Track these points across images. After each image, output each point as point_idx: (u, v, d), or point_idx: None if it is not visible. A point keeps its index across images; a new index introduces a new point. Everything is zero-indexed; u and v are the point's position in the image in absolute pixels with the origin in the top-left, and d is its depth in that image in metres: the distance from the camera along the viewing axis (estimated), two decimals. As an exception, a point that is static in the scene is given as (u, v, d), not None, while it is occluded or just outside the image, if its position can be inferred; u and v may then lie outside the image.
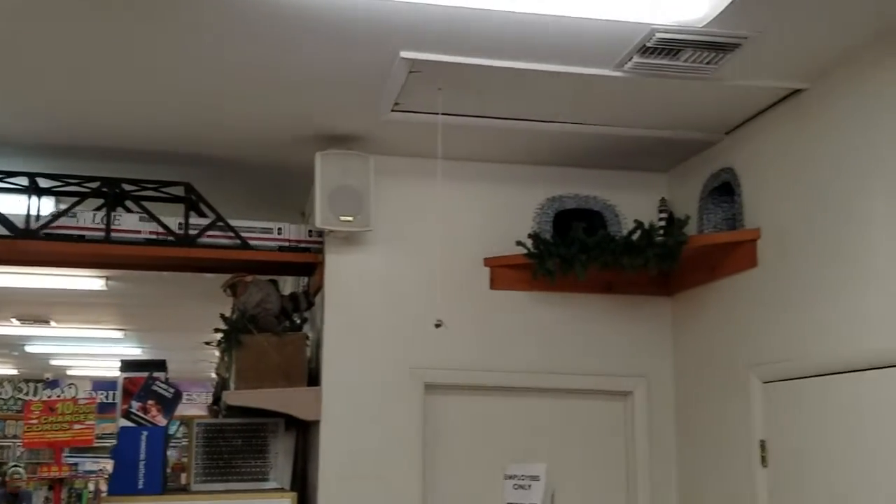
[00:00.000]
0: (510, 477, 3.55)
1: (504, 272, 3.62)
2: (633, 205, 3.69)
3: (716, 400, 3.36)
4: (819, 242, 2.79)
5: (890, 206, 2.48)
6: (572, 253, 3.35)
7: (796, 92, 2.91)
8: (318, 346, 3.64)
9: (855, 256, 2.62)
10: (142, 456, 3.41)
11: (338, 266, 3.55)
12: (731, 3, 2.24)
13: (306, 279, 3.95)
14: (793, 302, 2.91)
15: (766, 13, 2.40)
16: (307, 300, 3.74)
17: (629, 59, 2.67)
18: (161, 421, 3.55)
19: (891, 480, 2.44)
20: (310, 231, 3.64)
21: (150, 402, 3.58)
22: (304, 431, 3.72)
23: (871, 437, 2.53)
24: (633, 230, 3.34)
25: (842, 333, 2.67)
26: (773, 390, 3.01)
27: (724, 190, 3.36)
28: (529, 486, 3.52)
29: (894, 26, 2.45)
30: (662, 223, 3.52)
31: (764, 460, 3.02)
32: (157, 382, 3.60)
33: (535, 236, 3.46)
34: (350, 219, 3.33)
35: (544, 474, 3.51)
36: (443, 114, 3.04)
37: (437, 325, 2.99)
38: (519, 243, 3.46)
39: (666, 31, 2.48)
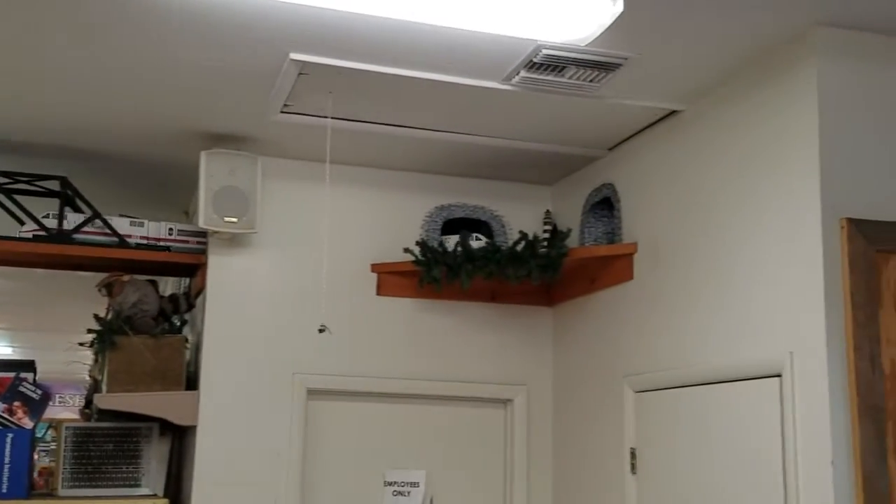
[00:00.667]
0: (390, 483, 3.57)
1: (391, 279, 3.63)
2: (519, 216, 3.77)
3: (591, 408, 3.46)
4: (690, 257, 2.92)
5: (755, 224, 2.62)
6: (458, 261, 3.40)
7: (674, 112, 3.04)
8: (197, 349, 3.57)
9: (722, 271, 2.75)
10: (6, 459, 3.26)
11: (221, 268, 3.48)
12: (612, 25, 2.32)
13: (188, 280, 3.86)
14: (664, 314, 3.03)
15: (645, 37, 2.50)
16: (187, 302, 3.66)
17: (516, 74, 2.73)
18: (27, 423, 3.41)
19: (754, 489, 2.57)
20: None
21: (16, 403, 3.43)
22: (180, 436, 3.63)
23: (735, 446, 2.66)
24: (518, 241, 3.41)
25: (709, 345, 2.80)
26: (645, 400, 3.12)
27: (604, 204, 3.48)
28: (409, 492, 3.55)
29: (763, 52, 2.59)
30: (546, 235, 3.61)
31: (633, 467, 3.13)
32: (25, 383, 3.45)
33: (422, 244, 3.49)
34: (235, 220, 3.28)
35: (424, 481, 3.55)
36: (332, 118, 3.04)
37: (321, 331, 2.98)
38: (406, 250, 3.48)
39: (551, 49, 2.55)
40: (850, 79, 2.44)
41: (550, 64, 2.65)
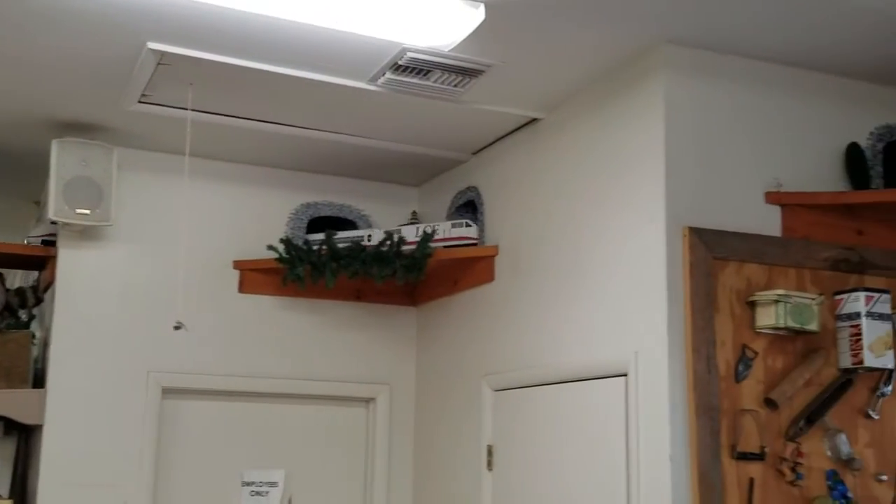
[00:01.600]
0: (248, 483, 3.52)
1: (254, 276, 3.58)
2: (386, 216, 3.79)
3: (452, 407, 3.52)
4: (546, 260, 3.02)
5: (606, 230, 2.73)
6: (323, 260, 3.38)
7: (534, 120, 3.13)
8: (45, 345, 3.41)
9: (576, 274, 2.86)
10: None
11: (72, 261, 3.34)
12: (474, 32, 2.38)
13: (36, 274, 3.68)
14: (522, 315, 3.12)
15: (506, 46, 2.57)
16: (35, 296, 3.49)
17: (382, 75, 2.75)
18: None
19: (600, 483, 2.68)
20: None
21: None
22: (26, 436, 3.46)
23: (585, 442, 2.76)
24: (384, 241, 3.43)
25: (563, 345, 2.89)
26: (503, 398, 3.20)
27: (469, 207, 3.54)
28: (267, 492, 3.51)
29: (616, 66, 2.70)
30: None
31: (490, 464, 3.20)
32: None
33: (286, 241, 3.46)
34: (87, 212, 3.15)
35: (283, 480, 3.51)
36: (193, 110, 2.97)
37: (177, 328, 2.90)
38: (270, 248, 3.44)
39: (416, 52, 2.59)
40: (694, 95, 2.57)
41: (415, 67, 2.68)
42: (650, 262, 2.52)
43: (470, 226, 3.43)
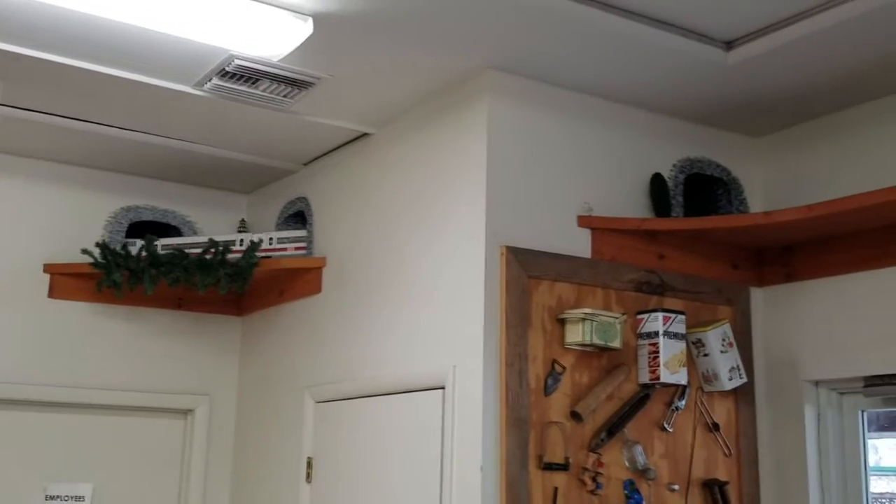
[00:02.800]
0: (52, 497, 3.34)
1: (66, 280, 3.41)
2: (213, 223, 3.71)
3: (273, 419, 3.48)
4: (372, 274, 3.05)
5: (430, 246, 2.80)
6: (142, 266, 3.27)
7: (365, 134, 3.17)
8: None
9: (399, 288, 2.91)
10: None
11: None
12: (303, 45, 2.39)
13: None
14: (347, 327, 3.14)
15: (335, 60, 2.60)
16: None
17: (208, 80, 2.71)
18: None
19: (416, 495, 2.72)
20: None
21: None
22: None
23: (403, 455, 2.81)
24: (208, 248, 3.35)
25: (385, 358, 2.93)
26: (324, 410, 3.20)
27: (298, 217, 3.53)
28: (73, 507, 3.35)
29: (444, 87, 2.78)
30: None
31: (309, 476, 3.19)
32: None
33: (103, 245, 3.32)
34: None
35: (90, 494, 3.36)
36: (3, 105, 2.81)
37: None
38: (85, 251, 3.29)
39: (244, 59, 2.56)
40: (516, 120, 2.69)
41: (243, 74, 2.65)
42: (469, 279, 2.60)
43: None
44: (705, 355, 2.77)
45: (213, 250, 3.33)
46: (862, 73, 2.58)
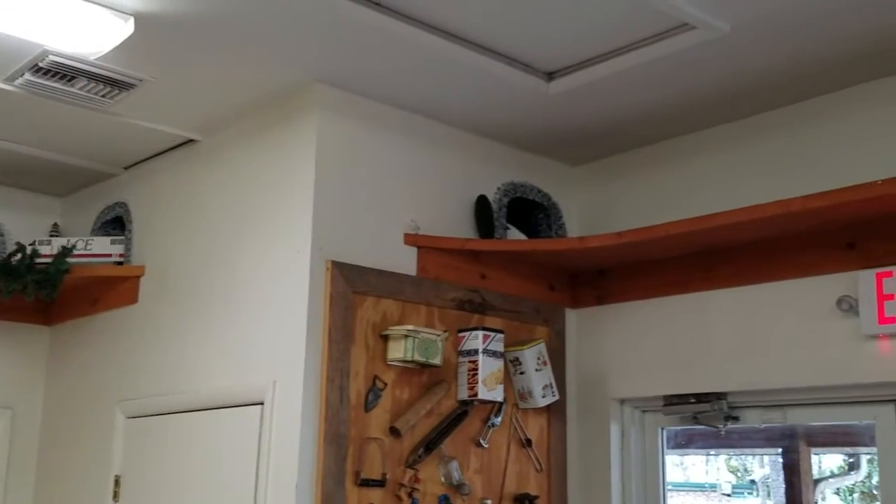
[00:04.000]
0: None
1: None
2: (23, 227, 3.49)
3: (81, 434, 3.30)
4: (193, 285, 2.96)
5: (256, 259, 2.75)
6: (-63, 270, 3.02)
7: (192, 141, 3.08)
8: None
9: (221, 301, 2.83)
10: None
11: None
12: (123, 45, 2.30)
13: None
14: (164, 340, 3.02)
15: (158, 62, 2.52)
16: None
17: (21, 75, 2.55)
18: None
19: (225, 511, 2.65)
20: None
21: None
22: None
23: (217, 472, 2.72)
24: (14, 252, 3.15)
25: (204, 372, 2.84)
26: (136, 426, 3.06)
27: (116, 223, 3.38)
28: None
29: (274, 98, 2.75)
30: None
31: (116, 495, 3.04)
32: None
33: None
34: None
35: None
36: None
37: None
38: None
39: (59, 56, 2.44)
40: (345, 136, 2.69)
41: (58, 71, 2.52)
42: (293, 293, 2.57)
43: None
44: (521, 373, 2.86)
45: (19, 255, 3.13)
46: (670, 109, 2.76)
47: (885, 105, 2.49)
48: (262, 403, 2.60)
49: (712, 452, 4.01)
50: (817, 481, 3.69)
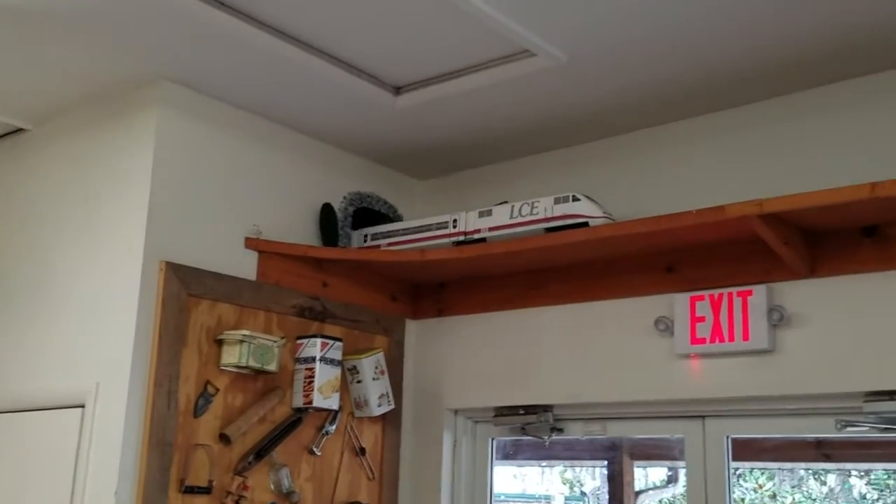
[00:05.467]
0: None
1: None
2: None
3: None
4: (15, 280, 2.82)
5: (86, 255, 2.64)
6: None
7: (20, 130, 2.93)
8: None
9: (46, 298, 2.71)
10: None
11: None
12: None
13: None
14: (-18, 338, 2.86)
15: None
16: None
17: None
18: None
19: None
20: None
21: None
22: None
23: (32, 478, 2.59)
24: None
25: (21, 372, 2.71)
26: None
27: (-64, 212, 3.17)
28: None
29: (114, 90, 2.66)
30: None
31: (-82, 502, 2.84)
32: None
33: None
34: None
35: None
36: None
37: None
38: None
39: None
40: (186, 134, 2.64)
41: None
42: (123, 293, 2.49)
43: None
44: (358, 382, 2.88)
45: None
46: (513, 131, 2.86)
47: (719, 136, 2.66)
48: (83, 406, 2.50)
49: (543, 464, 4.15)
50: (639, 493, 3.89)
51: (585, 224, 2.54)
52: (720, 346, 2.45)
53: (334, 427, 2.83)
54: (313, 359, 2.73)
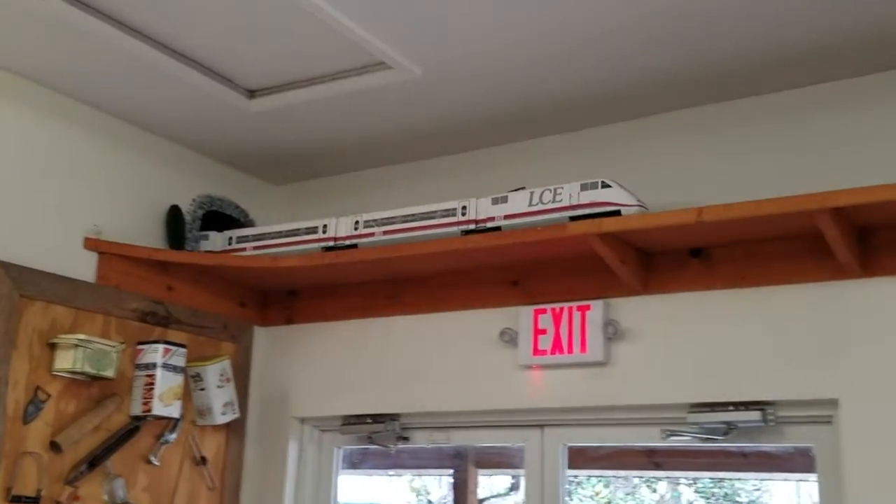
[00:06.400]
0: None
1: None
2: None
3: None
4: None
5: None
6: None
7: None
8: None
9: None
10: None
11: None
12: None
13: None
14: None
15: None
16: None
17: None
18: None
19: None
20: None
21: None
22: None
23: None
24: None
25: None
26: None
27: None
28: None
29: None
30: None
31: None
32: None
33: None
34: None
35: None
36: None
37: None
38: None
39: None
40: (22, 127, 2.51)
41: None
42: (-54, 292, 2.34)
43: None
44: (202, 389, 2.81)
45: None
46: (369, 141, 2.88)
47: (548, 158, 2.77)
48: None
49: (391, 472, 4.17)
50: (482, 501, 3.98)
51: (618, 213, 2.29)
52: (560, 358, 2.54)
53: (174, 436, 2.75)
54: (154, 365, 2.65)
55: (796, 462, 2.68)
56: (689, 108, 2.57)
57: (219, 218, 3.00)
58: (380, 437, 2.83)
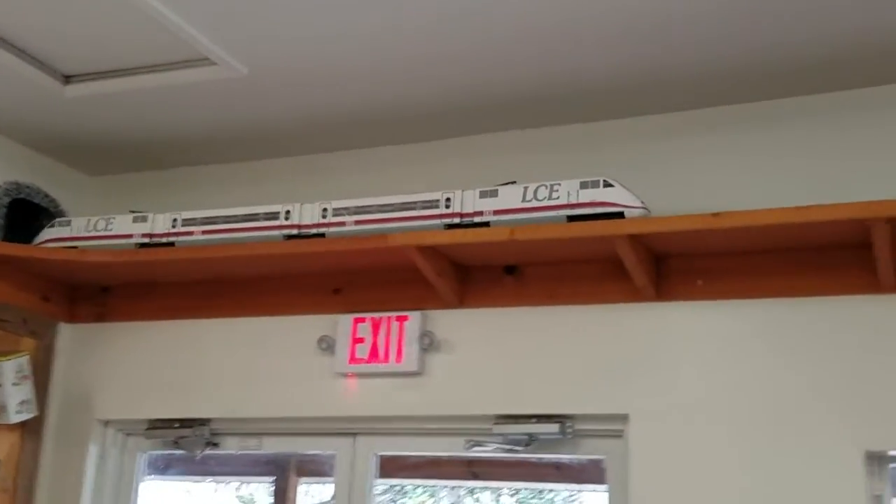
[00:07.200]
0: None
1: None
2: None
3: None
4: None
5: None
6: None
7: None
8: None
9: None
10: None
11: None
12: None
13: None
14: None
15: None
16: None
17: None
18: None
19: None
20: None
21: None
22: None
23: None
24: None
25: None
26: None
27: None
28: None
29: None
30: None
31: None
32: None
33: None
34: None
35: None
36: None
37: None
38: None
39: None
40: None
41: None
42: None
43: None
44: (-4, 387, 2.64)
45: None
46: (191, 137, 2.78)
47: (388, 166, 2.78)
48: None
49: (210, 480, 4.05)
50: (299, 508, 3.93)
51: (621, 214, 2.12)
52: (376, 367, 2.55)
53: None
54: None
55: (596, 473, 2.80)
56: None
57: (27, 206, 2.83)
58: (186, 443, 2.74)
